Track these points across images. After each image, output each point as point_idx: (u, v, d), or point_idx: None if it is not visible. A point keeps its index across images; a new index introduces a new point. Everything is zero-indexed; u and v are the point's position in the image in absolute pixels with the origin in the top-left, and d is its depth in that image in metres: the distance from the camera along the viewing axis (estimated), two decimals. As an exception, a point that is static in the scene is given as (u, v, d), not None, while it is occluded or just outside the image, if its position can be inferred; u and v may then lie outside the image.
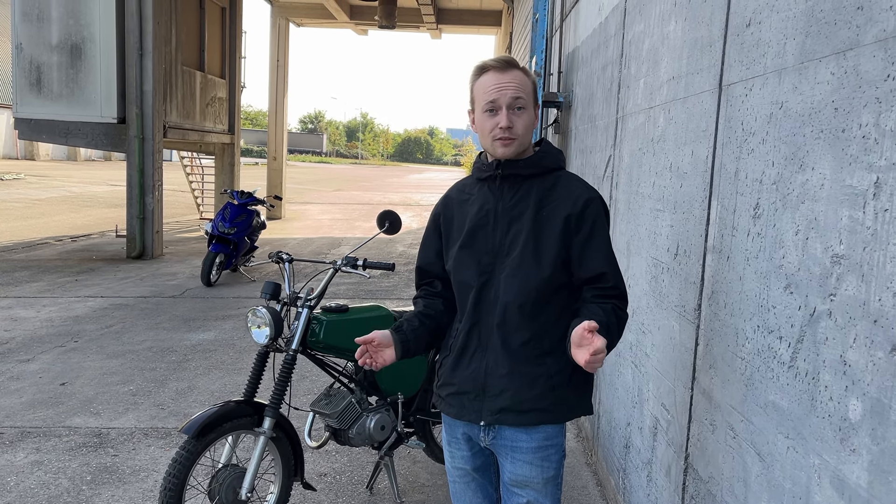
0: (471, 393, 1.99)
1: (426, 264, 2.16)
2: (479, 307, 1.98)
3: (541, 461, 1.99)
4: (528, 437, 1.97)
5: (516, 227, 1.95)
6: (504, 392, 1.95)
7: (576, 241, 1.93)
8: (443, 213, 2.12)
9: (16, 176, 26.02)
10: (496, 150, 1.94)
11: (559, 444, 2.02)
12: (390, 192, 30.06)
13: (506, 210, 1.98)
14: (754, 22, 1.90)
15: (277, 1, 17.09)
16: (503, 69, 1.93)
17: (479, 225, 2.00)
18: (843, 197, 1.42)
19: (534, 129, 1.99)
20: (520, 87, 1.92)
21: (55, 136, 10.39)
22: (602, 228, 1.95)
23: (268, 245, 11.90)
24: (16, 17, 10.09)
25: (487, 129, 1.94)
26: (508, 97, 1.90)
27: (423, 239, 2.18)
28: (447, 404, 2.06)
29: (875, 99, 1.32)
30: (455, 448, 2.12)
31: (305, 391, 4.95)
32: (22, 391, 4.79)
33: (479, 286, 1.97)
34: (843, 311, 1.40)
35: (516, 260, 1.93)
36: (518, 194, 1.98)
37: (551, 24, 6.46)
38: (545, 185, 1.98)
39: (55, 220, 14.95)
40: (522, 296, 1.92)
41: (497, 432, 2.00)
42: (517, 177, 1.98)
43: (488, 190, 2.02)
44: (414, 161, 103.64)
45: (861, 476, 1.32)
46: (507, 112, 1.90)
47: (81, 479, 3.59)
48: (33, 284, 8.28)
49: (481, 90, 1.94)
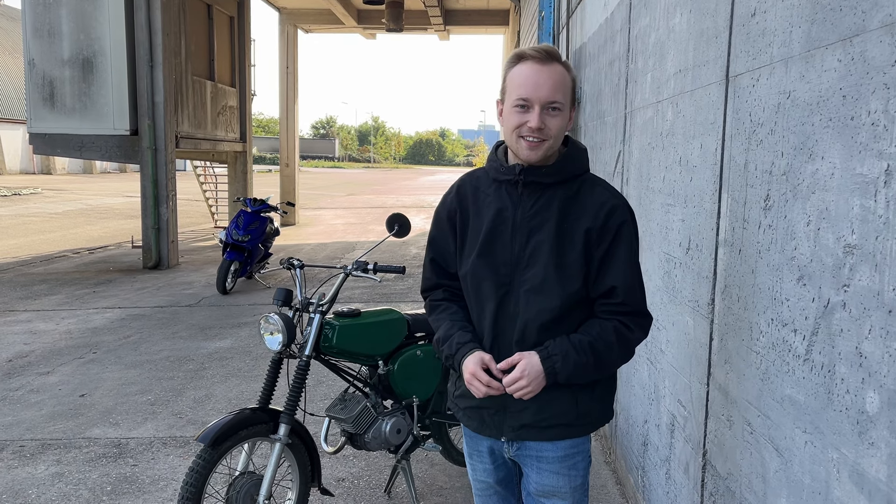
0: (490, 408, 1.90)
1: (442, 260, 2.00)
2: (499, 322, 1.86)
3: (568, 470, 1.92)
4: (554, 447, 1.90)
5: (537, 239, 1.81)
6: (526, 409, 1.85)
7: (595, 254, 1.80)
8: (458, 210, 1.94)
9: (33, 190, 26.33)
10: (521, 150, 1.78)
11: (585, 450, 1.95)
12: (403, 195, 30.09)
13: (525, 219, 1.83)
14: (759, 11, 1.88)
15: (285, 8, 17.17)
16: (543, 61, 1.74)
17: (497, 233, 1.85)
18: (853, 186, 1.39)
19: (567, 130, 1.83)
20: (558, 86, 1.74)
21: (69, 149, 10.49)
22: (625, 240, 1.80)
23: (282, 251, 11.95)
24: (27, 34, 10.20)
25: (514, 125, 1.76)
26: (544, 97, 1.72)
27: (436, 233, 2.00)
28: (467, 417, 1.98)
29: (883, 85, 1.30)
30: (477, 461, 2.04)
31: (322, 396, 4.96)
32: (42, 404, 4.83)
33: (498, 300, 1.85)
34: (858, 301, 1.37)
35: (538, 276, 1.80)
36: (539, 203, 1.83)
37: (557, 22, 6.43)
38: (568, 194, 1.83)
39: (72, 233, 15.10)
40: (544, 314, 1.80)
41: (521, 444, 1.93)
42: (539, 184, 1.82)
43: (506, 194, 1.86)
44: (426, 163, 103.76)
45: (880, 469, 1.29)
46: (539, 112, 1.73)
47: (102, 489, 3.61)
48: (52, 297, 8.36)
49: (515, 81, 1.76)
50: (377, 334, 3.16)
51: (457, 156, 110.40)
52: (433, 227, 2.02)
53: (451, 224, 1.96)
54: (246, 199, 9.23)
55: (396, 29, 16.00)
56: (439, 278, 2.02)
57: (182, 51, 11.41)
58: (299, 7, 17.10)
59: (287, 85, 17.36)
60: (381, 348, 3.18)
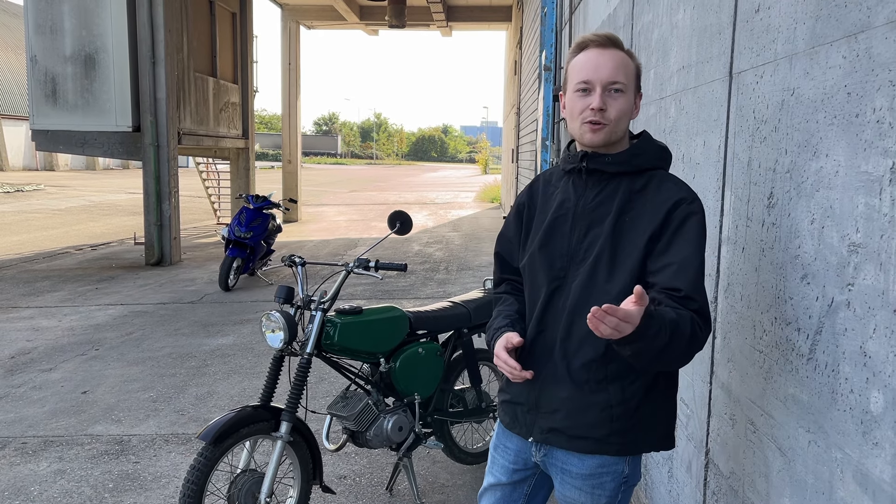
0: (524, 405, 1.85)
1: (507, 254, 1.99)
2: (547, 316, 1.80)
3: (591, 488, 1.80)
4: (581, 463, 1.80)
5: (595, 232, 1.75)
6: (557, 412, 1.78)
7: (656, 250, 1.68)
8: (527, 205, 1.92)
9: (36, 187, 26.36)
10: (584, 135, 1.73)
11: (617, 471, 1.80)
12: (406, 192, 30.08)
13: (586, 210, 1.77)
14: (763, 7, 1.86)
15: (287, 4, 17.14)
16: (604, 46, 1.71)
17: (557, 224, 1.81)
18: (858, 184, 1.38)
19: (632, 118, 1.78)
20: (619, 67, 1.69)
21: (72, 146, 10.50)
22: (690, 232, 1.66)
23: (285, 248, 11.95)
24: (30, 30, 10.20)
25: (577, 111, 1.72)
26: (605, 77, 1.68)
27: (504, 228, 2.00)
28: (502, 410, 1.94)
29: (889, 82, 1.28)
30: (500, 455, 1.97)
31: (324, 393, 4.95)
32: (44, 400, 4.84)
33: (549, 292, 1.79)
34: (862, 300, 1.36)
35: (589, 269, 1.73)
36: (602, 194, 1.76)
37: (560, 18, 6.41)
38: (635, 187, 1.74)
39: (75, 229, 15.12)
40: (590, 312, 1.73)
41: (549, 451, 1.85)
42: (603, 173, 1.76)
43: (572, 185, 1.82)
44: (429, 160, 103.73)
45: (885, 470, 1.28)
46: (601, 93, 1.68)
47: (104, 486, 3.61)
48: (54, 294, 8.37)
49: (576, 68, 1.72)
50: (379, 332, 3.15)
51: (459, 152, 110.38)
52: (504, 224, 2.02)
53: (519, 218, 1.95)
54: (248, 195, 9.23)
55: (399, 25, 15.97)
56: (503, 272, 2.02)
57: (184, 47, 11.40)
58: (302, 3, 17.07)
59: (289, 81, 17.35)
60: (382, 346, 3.18)
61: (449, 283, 9.13)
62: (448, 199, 26.00)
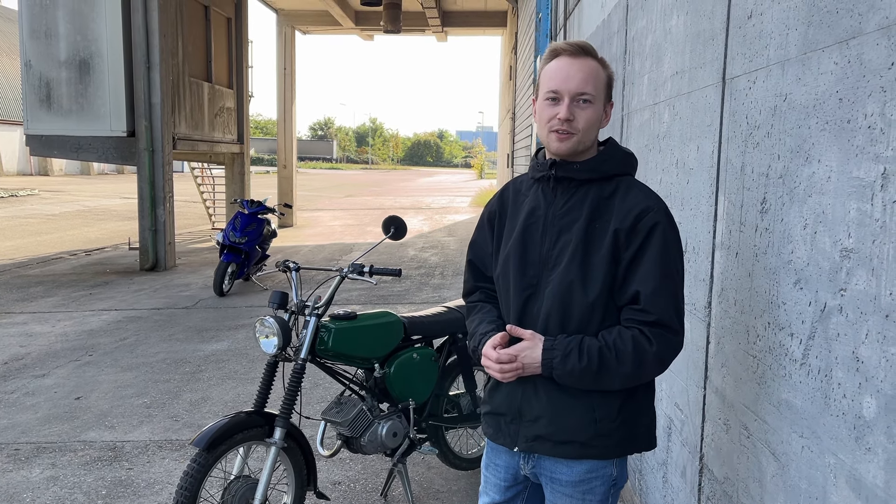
0: (507, 415, 1.86)
1: (481, 262, 2.00)
2: (522, 323, 1.81)
3: (582, 494, 1.81)
4: (569, 471, 1.81)
5: (565, 238, 1.77)
6: (540, 419, 1.79)
7: (623, 257, 1.71)
8: (498, 212, 1.94)
9: (30, 192, 26.28)
10: (551, 143, 1.76)
11: (606, 475, 1.81)
12: (401, 197, 30.08)
13: (556, 217, 1.79)
14: (756, 13, 1.87)
15: (283, 9, 17.15)
16: (575, 55, 1.73)
17: (529, 231, 1.83)
18: (850, 189, 1.38)
19: (601, 127, 1.80)
20: (589, 78, 1.72)
21: (66, 151, 10.47)
22: (656, 243, 1.70)
23: (280, 253, 11.92)
24: (24, 35, 10.18)
25: (546, 119, 1.75)
26: (573, 88, 1.71)
27: (476, 235, 2.01)
28: (485, 422, 1.94)
29: (880, 88, 1.29)
30: (491, 474, 1.98)
31: (319, 399, 4.94)
32: (37, 406, 4.81)
33: (523, 300, 1.81)
34: (854, 306, 1.36)
35: (561, 275, 1.75)
36: (572, 201, 1.79)
37: (555, 23, 6.43)
38: (603, 193, 1.77)
39: (69, 234, 15.07)
40: (565, 317, 1.74)
41: (537, 461, 1.86)
42: (572, 180, 1.79)
43: (541, 192, 1.84)
44: (424, 164, 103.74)
45: (878, 475, 1.28)
46: (569, 103, 1.71)
47: (97, 493, 3.59)
48: (48, 299, 8.33)
49: (547, 76, 1.76)
50: (373, 337, 3.15)
51: (455, 157, 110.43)
52: (476, 229, 2.03)
53: (490, 226, 1.97)
54: (243, 200, 9.21)
55: (394, 30, 15.99)
56: (476, 280, 2.03)
57: (179, 52, 11.39)
58: (297, 8, 17.09)
59: (284, 86, 17.35)
60: (377, 351, 3.17)
61: (444, 288, 9.13)
62: (443, 203, 26.00)
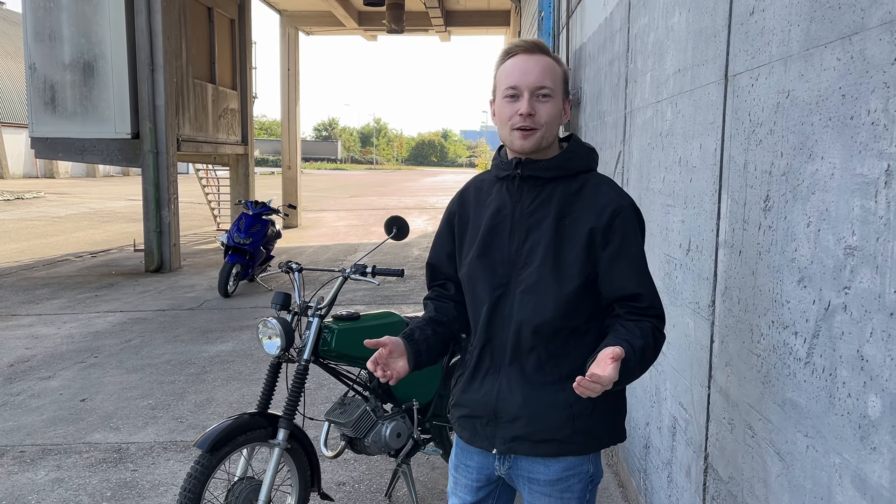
0: (483, 418, 1.82)
1: (438, 263, 1.98)
2: (492, 324, 1.79)
3: (560, 493, 1.80)
4: (546, 470, 1.79)
5: (535, 237, 1.75)
6: (517, 419, 1.76)
7: (602, 256, 1.71)
8: (458, 213, 1.92)
9: (36, 194, 26.37)
10: (514, 142, 1.73)
11: (583, 472, 1.81)
12: (405, 197, 30.08)
13: (524, 216, 1.77)
14: (758, 10, 1.86)
15: (286, 10, 17.17)
16: (531, 52, 1.73)
17: (495, 232, 1.80)
18: (853, 186, 1.37)
19: (561, 124, 1.78)
20: (546, 72, 1.71)
21: (71, 153, 10.50)
22: (633, 241, 1.72)
23: (284, 254, 11.93)
24: (28, 37, 10.21)
25: (506, 117, 1.73)
26: (532, 82, 1.69)
27: (436, 236, 1.99)
28: (460, 427, 1.90)
29: (883, 84, 1.28)
30: (462, 475, 1.94)
31: (323, 399, 4.94)
32: (43, 408, 4.82)
33: (492, 301, 1.78)
34: (859, 304, 1.35)
35: (533, 275, 1.73)
36: (538, 199, 1.77)
37: (557, 22, 6.41)
38: (570, 190, 1.76)
39: (75, 236, 15.11)
40: (539, 316, 1.72)
41: (513, 462, 1.83)
42: (538, 179, 1.77)
43: (506, 191, 1.82)
44: (428, 164, 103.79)
45: (883, 475, 1.27)
46: (529, 98, 1.69)
47: (101, 495, 3.59)
48: (54, 301, 8.36)
49: (503, 74, 1.74)
50: (376, 337, 3.14)
51: (459, 157, 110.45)
52: (436, 233, 2.01)
53: (449, 227, 1.94)
54: (247, 201, 9.23)
55: (397, 30, 15.99)
56: (431, 280, 2.02)
57: (183, 54, 11.41)
58: (300, 9, 17.09)
59: (288, 87, 17.36)
60: (380, 352, 3.16)
61: (449, 288, 9.10)
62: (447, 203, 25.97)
